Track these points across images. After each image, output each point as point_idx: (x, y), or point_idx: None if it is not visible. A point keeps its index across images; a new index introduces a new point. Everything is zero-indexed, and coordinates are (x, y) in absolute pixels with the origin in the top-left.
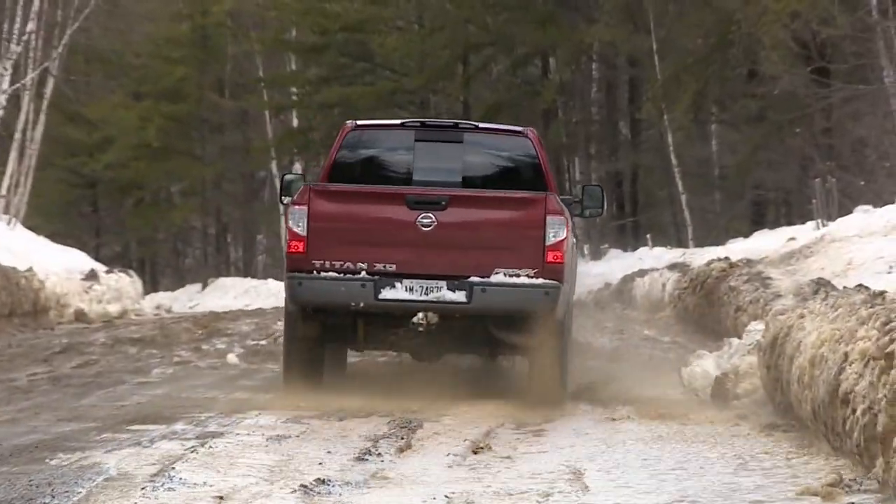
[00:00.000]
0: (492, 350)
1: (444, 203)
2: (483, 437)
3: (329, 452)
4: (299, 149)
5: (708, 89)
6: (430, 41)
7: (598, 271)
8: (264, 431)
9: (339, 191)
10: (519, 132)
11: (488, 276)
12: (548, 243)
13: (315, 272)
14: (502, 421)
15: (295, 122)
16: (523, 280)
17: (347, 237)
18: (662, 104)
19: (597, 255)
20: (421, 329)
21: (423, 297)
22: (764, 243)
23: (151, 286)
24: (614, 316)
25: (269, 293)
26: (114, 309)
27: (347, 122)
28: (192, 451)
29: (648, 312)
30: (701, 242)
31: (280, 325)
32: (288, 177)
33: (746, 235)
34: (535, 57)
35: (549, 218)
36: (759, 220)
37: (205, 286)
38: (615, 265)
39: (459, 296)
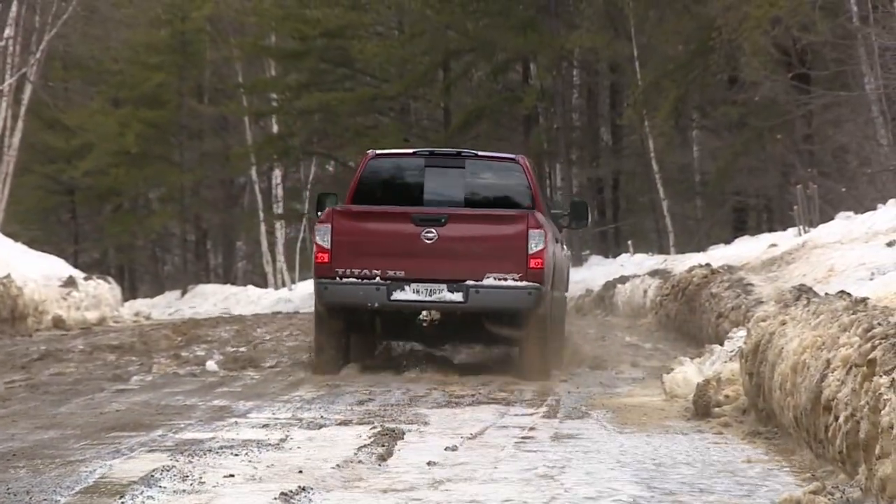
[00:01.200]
0: (485, 340)
1: (443, 220)
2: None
3: (309, 460)
4: (279, 155)
5: (689, 95)
6: (411, 47)
7: (580, 278)
8: (244, 439)
9: (357, 211)
10: (512, 159)
11: (481, 280)
12: (530, 252)
13: (338, 278)
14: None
15: (275, 128)
16: (510, 283)
17: (364, 249)
18: (643, 110)
19: (578, 261)
20: (426, 324)
21: (428, 298)
22: (745, 250)
23: (130, 293)
24: (596, 323)
25: (249, 300)
26: (92, 316)
27: (368, 151)
28: (172, 459)
29: (630, 319)
30: (682, 249)
31: (259, 332)
32: (322, 195)
33: (728, 242)
34: (515, 63)
35: (530, 231)
36: (740, 226)
37: (184, 293)
38: (597, 272)
39: (457, 296)
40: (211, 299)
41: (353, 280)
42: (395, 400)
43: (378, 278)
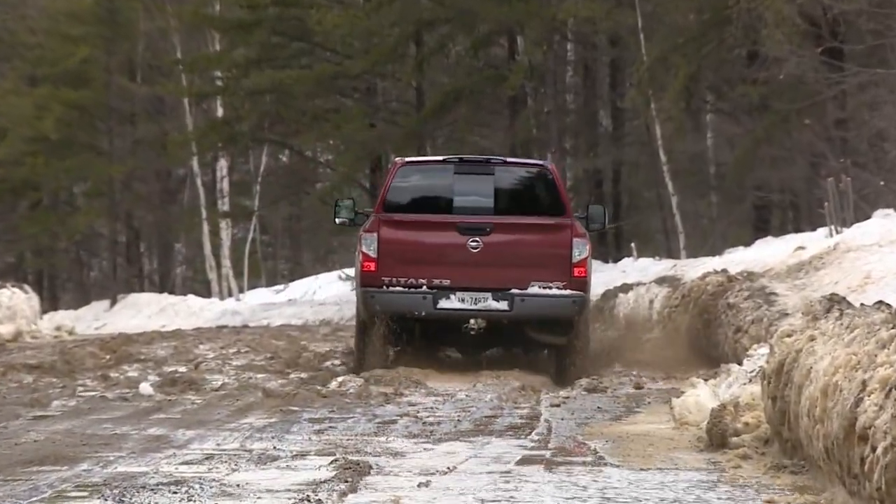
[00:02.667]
0: (525, 347)
1: (488, 229)
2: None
3: (259, 499)
4: (224, 142)
5: (702, 73)
6: (377, 17)
7: None
8: (184, 474)
9: (403, 220)
10: (541, 165)
11: (525, 289)
12: (574, 261)
13: (385, 287)
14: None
15: (219, 112)
16: (554, 291)
17: (410, 258)
18: (649, 91)
19: None
20: (473, 332)
21: (474, 307)
22: (768, 253)
23: (50, 304)
24: (593, 338)
25: (190, 312)
26: (6, 330)
27: (396, 158)
28: (99, 497)
29: (634, 333)
30: (694, 252)
31: (202, 349)
32: (339, 201)
33: (747, 244)
34: (499, 36)
35: (574, 240)
36: (762, 226)
37: (113, 303)
38: (595, 279)
39: (503, 305)
40: (145, 311)
41: (400, 289)
42: (360, 428)
43: (424, 287)
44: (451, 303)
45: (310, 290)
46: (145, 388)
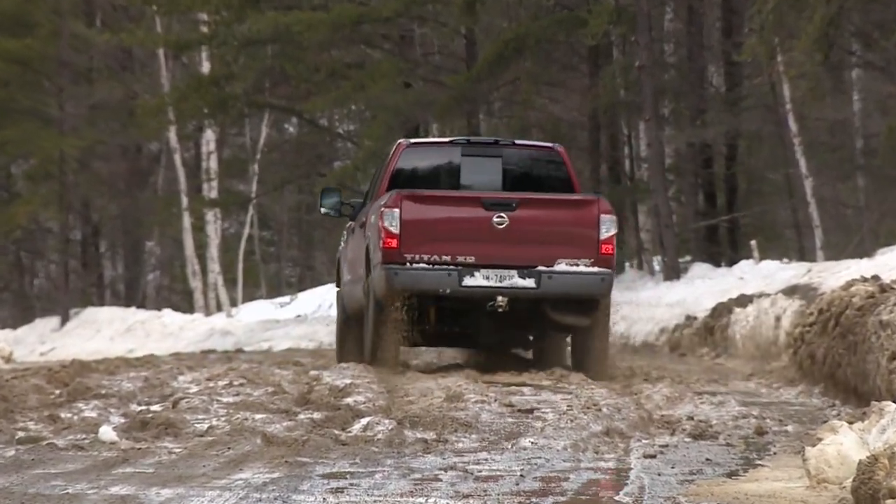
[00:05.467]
0: (546, 331)
1: (514, 205)
2: None
3: None
4: (212, 108)
5: (845, 15)
6: None
7: (676, 298)
8: None
9: (426, 195)
10: (549, 147)
11: (552, 266)
12: (601, 238)
13: (408, 263)
14: None
15: (205, 67)
16: (582, 269)
17: (434, 234)
18: (774, 39)
19: (674, 272)
20: (500, 310)
21: (499, 284)
22: None
23: None
24: (701, 368)
25: (166, 332)
26: None
27: (400, 140)
28: None
29: (754, 361)
30: (836, 253)
31: (183, 382)
32: (325, 190)
33: None
34: None
35: (601, 216)
36: None
37: (65, 321)
38: (701, 288)
39: (529, 282)
40: (106, 330)
41: (424, 266)
42: (392, 487)
43: (449, 264)
44: (476, 280)
45: (324, 303)
46: (107, 432)
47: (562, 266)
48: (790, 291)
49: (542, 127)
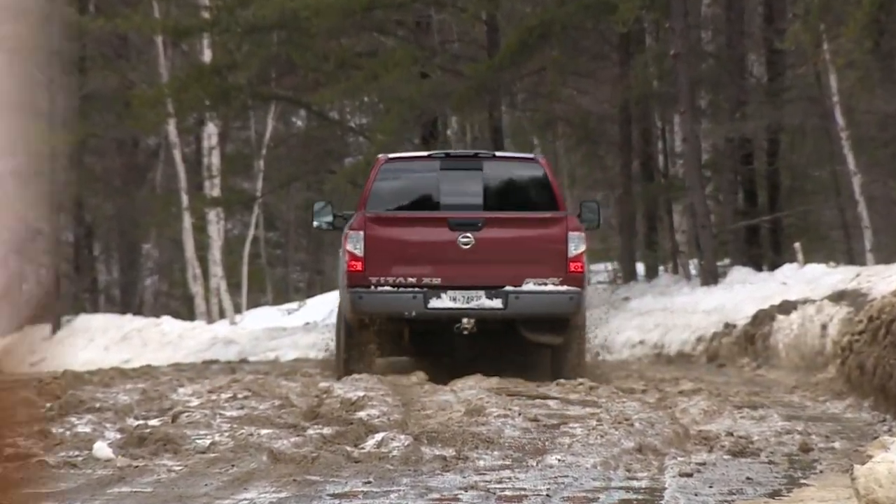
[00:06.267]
0: (519, 349)
1: (480, 224)
2: None
3: None
4: (213, 100)
5: None
6: None
7: (713, 304)
8: None
9: (390, 217)
10: (531, 159)
11: (520, 286)
12: (570, 256)
13: (373, 287)
14: None
15: (206, 55)
16: (550, 287)
17: (399, 256)
18: (821, 25)
19: (711, 276)
20: (465, 332)
21: (466, 305)
22: None
23: None
24: (741, 379)
25: (165, 340)
26: None
27: (379, 155)
28: None
29: (798, 373)
30: (887, 256)
31: (183, 394)
32: (316, 205)
33: None
34: None
35: (569, 234)
36: None
37: (56, 329)
38: (741, 294)
39: (497, 303)
40: (100, 339)
41: (389, 288)
42: None
43: (414, 286)
44: (443, 302)
45: (335, 309)
46: (101, 449)
47: (529, 286)
48: (837, 297)
49: (570, 120)
